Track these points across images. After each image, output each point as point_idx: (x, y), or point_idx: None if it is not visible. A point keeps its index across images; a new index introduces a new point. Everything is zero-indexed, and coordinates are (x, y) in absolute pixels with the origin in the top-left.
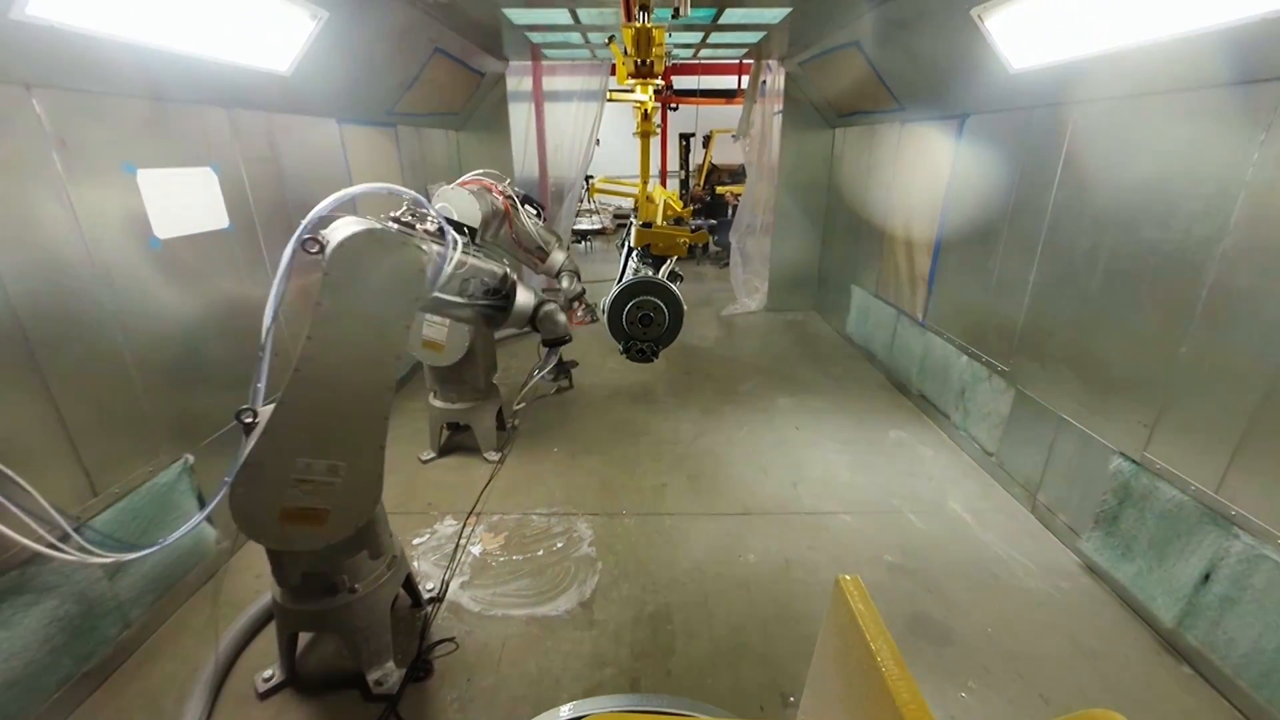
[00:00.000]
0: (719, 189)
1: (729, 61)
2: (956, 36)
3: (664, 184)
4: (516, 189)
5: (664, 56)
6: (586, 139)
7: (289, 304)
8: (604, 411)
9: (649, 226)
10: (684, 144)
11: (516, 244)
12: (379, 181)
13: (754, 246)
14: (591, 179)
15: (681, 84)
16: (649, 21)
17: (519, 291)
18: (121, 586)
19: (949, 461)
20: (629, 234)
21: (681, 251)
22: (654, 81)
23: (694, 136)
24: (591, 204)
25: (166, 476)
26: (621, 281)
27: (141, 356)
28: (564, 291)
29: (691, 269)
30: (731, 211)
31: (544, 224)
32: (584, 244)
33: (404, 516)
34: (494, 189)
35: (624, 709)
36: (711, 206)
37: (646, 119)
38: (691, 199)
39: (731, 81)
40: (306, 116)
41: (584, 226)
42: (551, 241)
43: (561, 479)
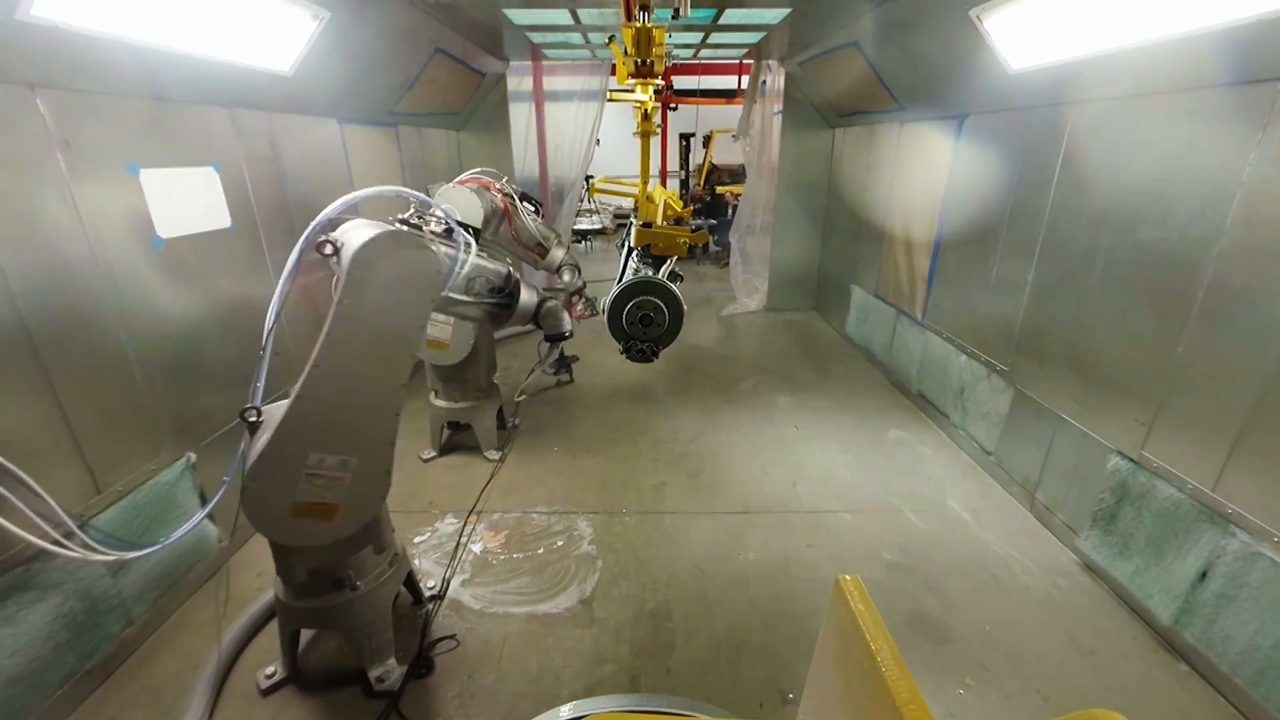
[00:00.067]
0: (719, 189)
1: (729, 61)
2: (955, 37)
3: (664, 184)
4: (513, 186)
5: (664, 56)
6: (587, 139)
7: (289, 303)
8: (604, 411)
9: (649, 226)
10: (684, 144)
11: (516, 241)
12: (380, 181)
13: (754, 246)
14: (592, 179)
15: (681, 84)
16: (649, 21)
17: (522, 289)
18: (124, 584)
19: (948, 460)
20: (629, 234)
21: (681, 251)
22: (654, 81)
23: (694, 136)
24: (592, 204)
25: (169, 475)
26: (622, 281)
27: (144, 355)
28: (565, 285)
29: (691, 269)
30: (731, 211)
31: (541, 220)
32: (584, 244)
33: (405, 515)
34: (492, 187)
35: (624, 709)
36: (711, 206)
37: (646, 119)
38: (691, 199)
39: (731, 81)
40: (308, 116)
41: (584, 226)
42: (551, 237)
43: (562, 478)
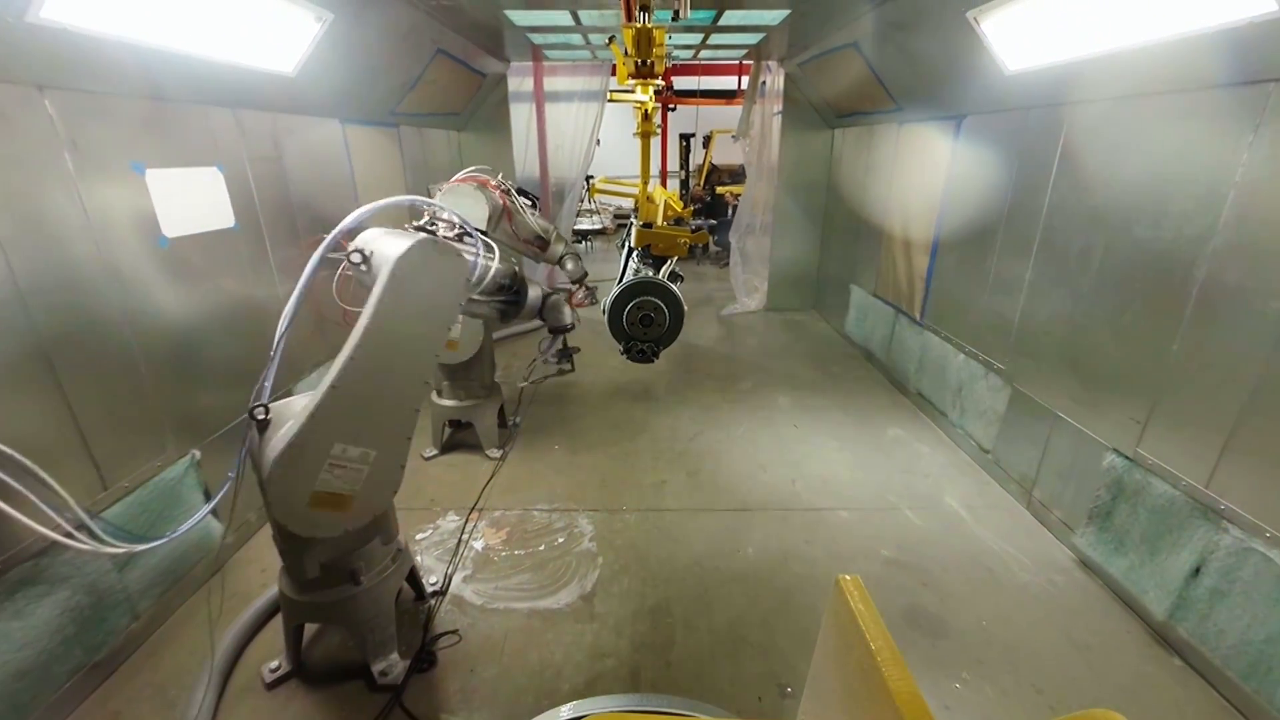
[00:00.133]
0: (719, 189)
1: (729, 62)
2: (953, 38)
3: (664, 184)
4: (507, 181)
5: (664, 57)
6: (587, 139)
7: (289, 300)
8: (604, 409)
9: (649, 227)
10: (684, 144)
11: (516, 237)
12: (381, 182)
13: (754, 246)
14: (592, 179)
15: (681, 84)
16: (649, 22)
17: (528, 286)
18: (130, 579)
19: (946, 459)
20: (629, 234)
21: (682, 252)
22: (654, 82)
23: (694, 137)
24: (592, 204)
25: (174, 471)
26: (622, 282)
27: (150, 353)
28: (569, 274)
29: (692, 269)
30: (731, 211)
31: (538, 214)
32: (584, 244)
33: (407, 512)
34: (489, 184)
35: (624, 709)
36: (711, 206)
37: (647, 119)
38: (691, 199)
39: (731, 82)
40: (310, 117)
41: (584, 226)
42: (550, 230)
43: (562, 475)
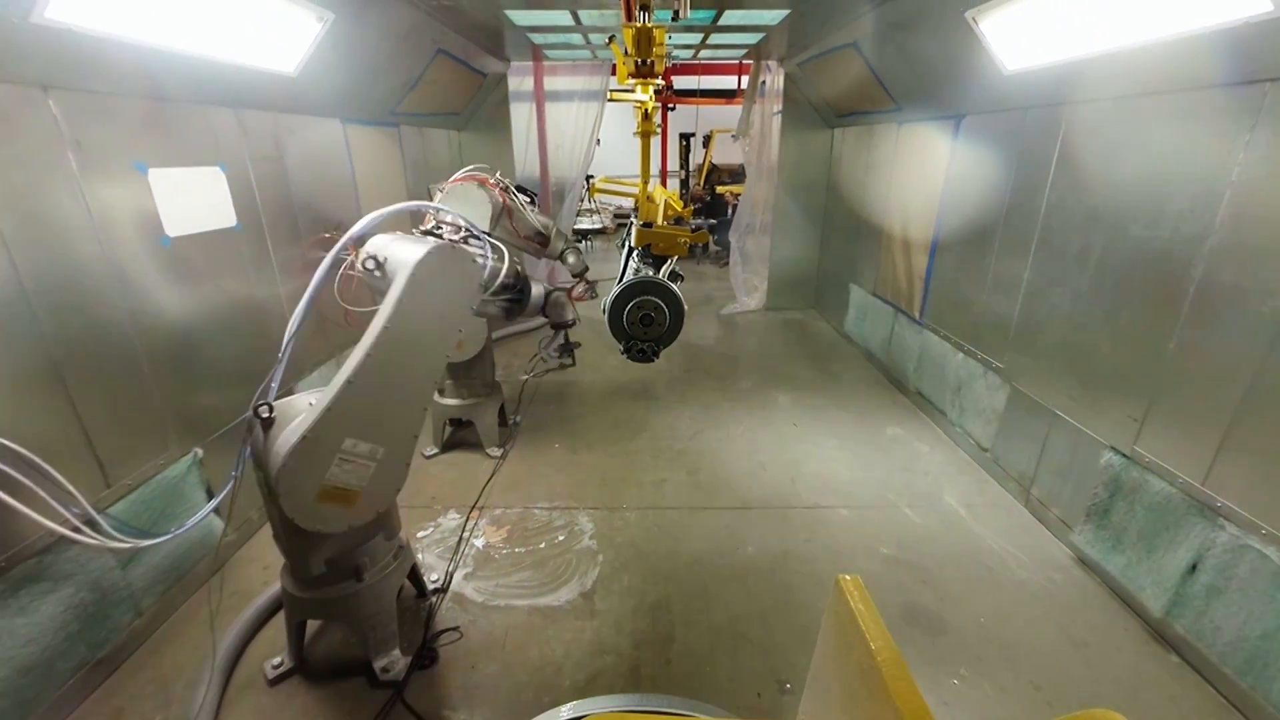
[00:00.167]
0: (719, 189)
1: (729, 62)
2: (952, 38)
3: (664, 184)
4: (505, 179)
5: (664, 56)
6: (587, 139)
7: (290, 299)
8: (604, 408)
9: (649, 226)
10: (684, 144)
11: (516, 234)
12: (382, 182)
13: (754, 246)
14: (592, 179)
15: (681, 84)
16: (649, 21)
17: (531, 284)
18: (134, 576)
19: (945, 457)
20: (629, 234)
21: (682, 251)
22: (654, 81)
23: (694, 136)
24: (592, 204)
25: (176, 469)
26: (622, 281)
27: (152, 351)
28: (570, 267)
29: (692, 268)
30: (731, 211)
31: (536, 209)
32: (584, 243)
33: (408, 510)
34: (487, 183)
35: (624, 709)
36: (711, 206)
37: (647, 119)
38: (691, 199)
39: (731, 82)
40: (311, 117)
41: (585, 226)
42: (550, 225)
43: (563, 474)
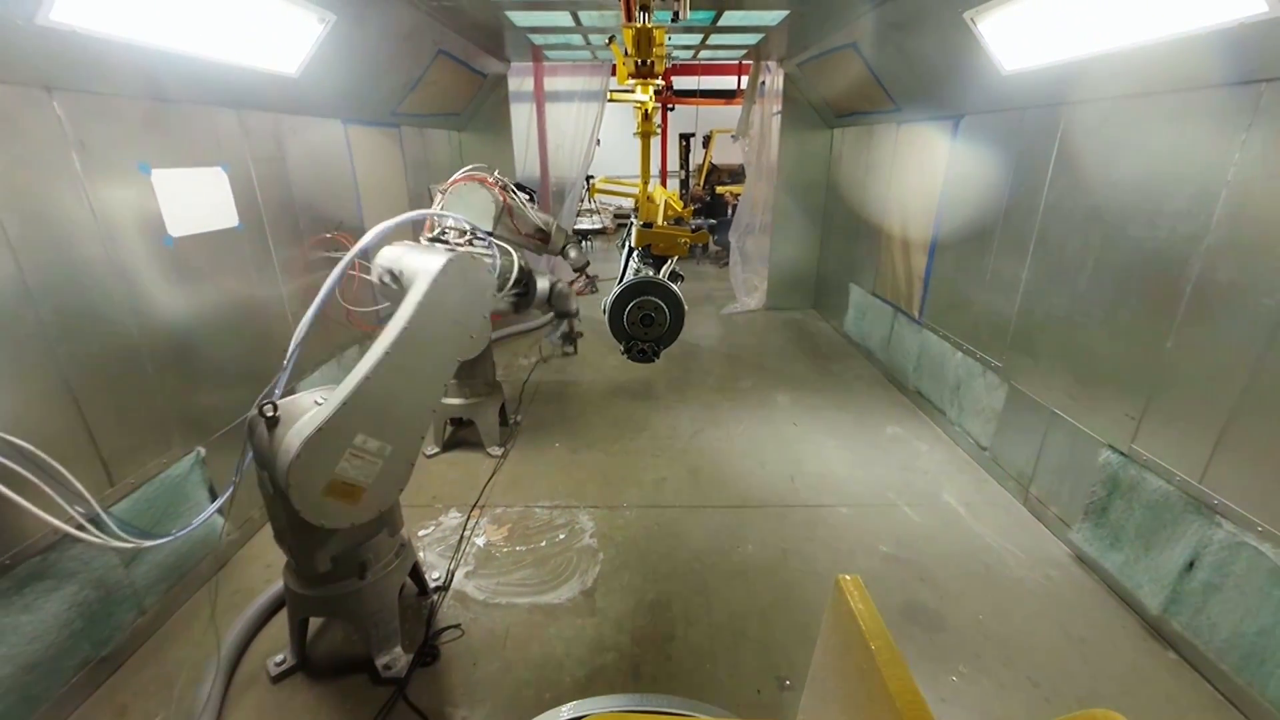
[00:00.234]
0: (719, 189)
1: (729, 62)
2: (950, 39)
3: (664, 184)
4: (504, 178)
5: (664, 57)
6: (587, 139)
7: (292, 299)
8: (605, 407)
9: (649, 226)
10: (684, 144)
11: (517, 231)
12: (383, 182)
13: (753, 246)
14: (592, 179)
15: (681, 84)
16: (649, 22)
17: (536, 278)
18: (137, 574)
19: (944, 456)
20: (629, 234)
21: (682, 251)
22: (654, 82)
23: (694, 136)
24: (592, 204)
25: (179, 469)
26: (622, 281)
27: (156, 351)
28: (572, 261)
29: (692, 268)
30: (731, 211)
31: (536, 207)
32: (585, 243)
33: (410, 509)
34: (487, 182)
35: (624, 709)
36: (711, 206)
37: (647, 119)
38: (691, 199)
39: (731, 82)
40: (313, 117)
41: (585, 226)
42: (551, 222)
43: (563, 473)
